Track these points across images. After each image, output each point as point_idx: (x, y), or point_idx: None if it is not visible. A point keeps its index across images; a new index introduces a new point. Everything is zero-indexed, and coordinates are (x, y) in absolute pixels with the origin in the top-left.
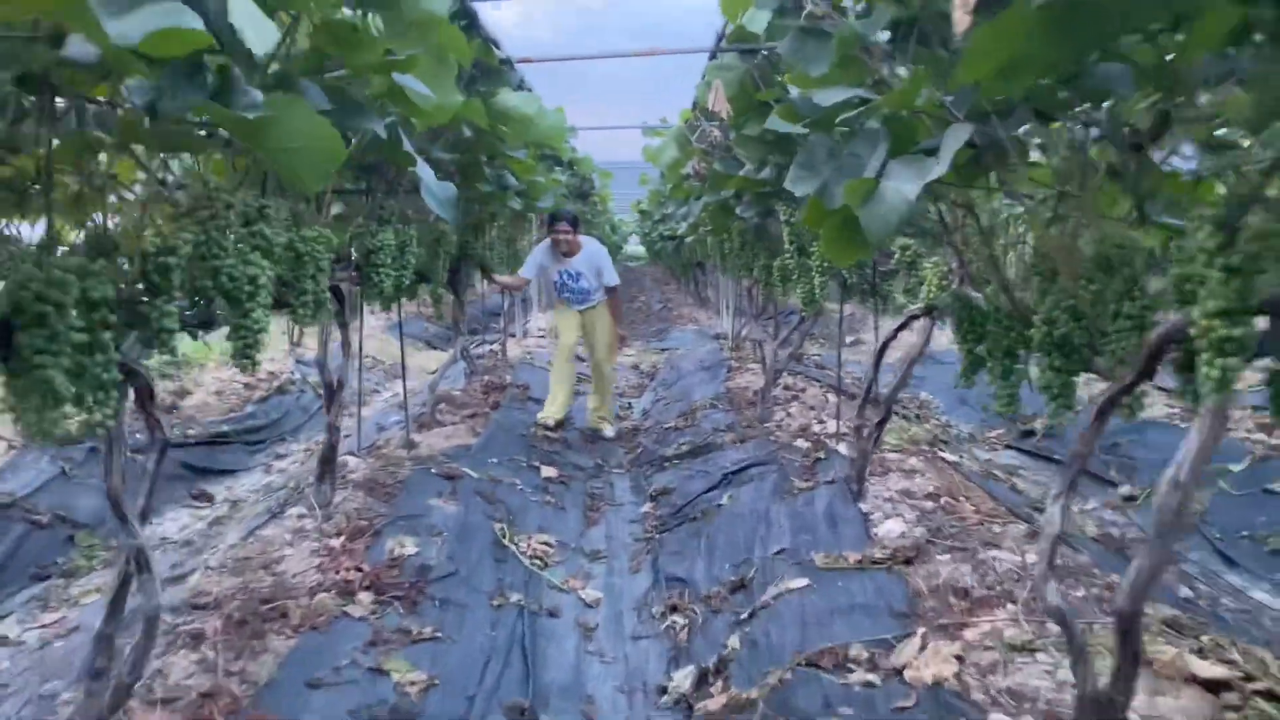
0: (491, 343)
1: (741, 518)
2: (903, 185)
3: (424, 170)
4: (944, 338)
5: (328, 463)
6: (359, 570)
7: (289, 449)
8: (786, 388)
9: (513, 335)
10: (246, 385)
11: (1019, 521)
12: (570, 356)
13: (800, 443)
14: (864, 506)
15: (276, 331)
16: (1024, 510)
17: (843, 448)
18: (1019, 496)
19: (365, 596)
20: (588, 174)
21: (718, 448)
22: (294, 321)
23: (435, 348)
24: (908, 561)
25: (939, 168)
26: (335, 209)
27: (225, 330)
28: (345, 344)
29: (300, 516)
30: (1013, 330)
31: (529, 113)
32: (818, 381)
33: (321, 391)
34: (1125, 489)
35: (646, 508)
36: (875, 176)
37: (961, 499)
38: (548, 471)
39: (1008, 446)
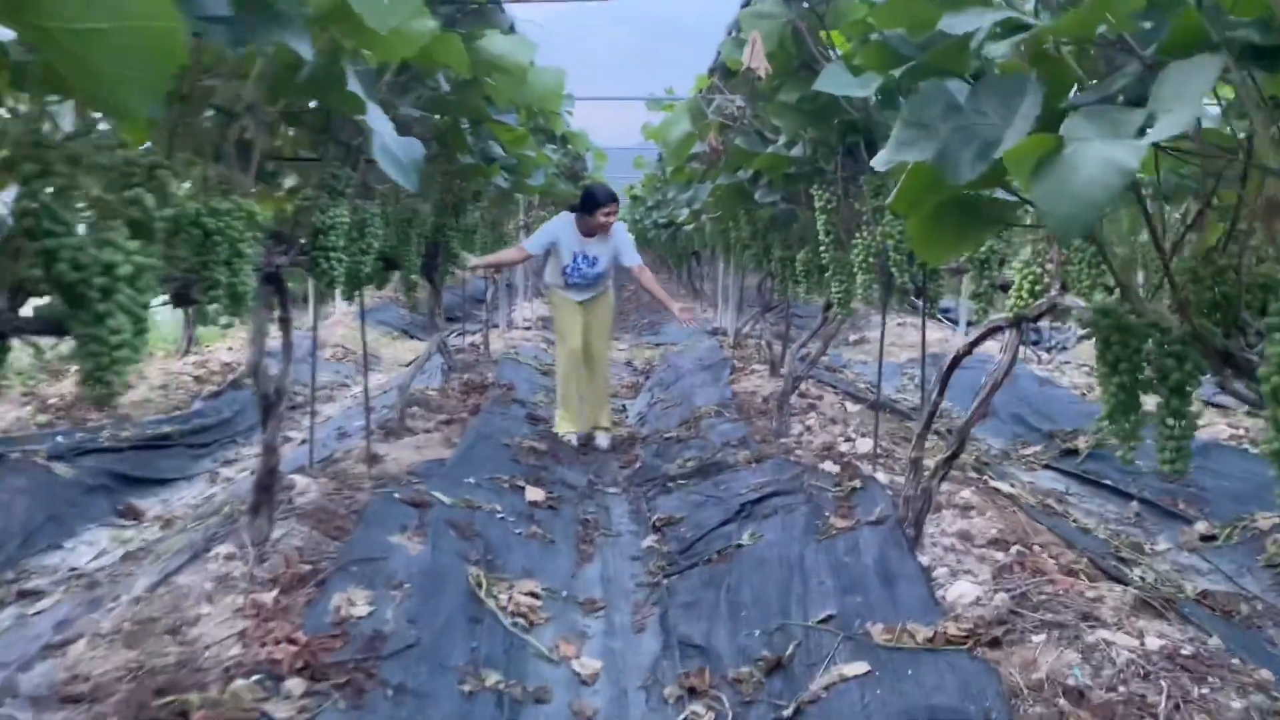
0: (473, 333)
1: (768, 564)
2: (1113, 149)
3: (377, 119)
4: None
5: (265, 491)
6: (291, 642)
7: (241, 453)
8: (801, 394)
9: (495, 326)
10: (198, 378)
11: (1111, 581)
12: (580, 361)
13: (828, 466)
14: (923, 559)
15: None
16: (1111, 564)
17: (881, 475)
18: (1099, 542)
19: (296, 684)
20: (581, 152)
21: (730, 467)
22: (199, 322)
23: (414, 337)
24: (993, 643)
25: (1178, 116)
26: (290, 181)
27: (175, 314)
28: (287, 346)
29: (228, 557)
30: (1186, 360)
31: (521, 63)
32: (832, 387)
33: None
34: (1201, 526)
35: (650, 540)
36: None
37: (1035, 547)
38: (533, 494)
39: (1046, 466)
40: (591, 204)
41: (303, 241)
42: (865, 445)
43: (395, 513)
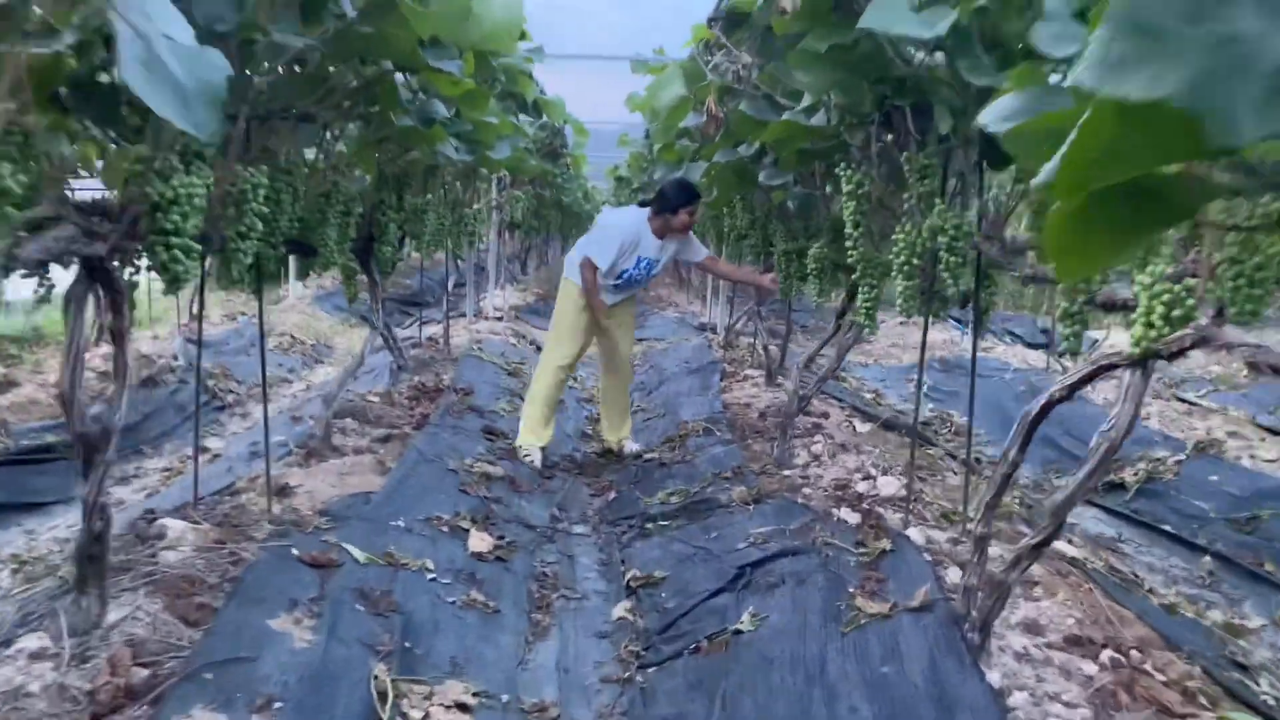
0: (438, 322)
1: (776, 665)
2: None
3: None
4: (964, 340)
5: (92, 563)
6: None
7: (145, 467)
8: (804, 412)
9: (462, 315)
10: (102, 374)
11: (1238, 703)
12: (572, 373)
13: (846, 514)
14: (993, 676)
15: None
16: (1232, 677)
17: (914, 532)
18: (1198, 632)
19: None
20: (559, 125)
21: (723, 507)
22: None
23: (374, 325)
24: None
25: None
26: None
27: None
28: (119, 369)
29: (36, 656)
30: None
31: None
32: (836, 400)
33: (204, 382)
34: None
35: (623, 608)
36: None
37: (1133, 652)
38: (479, 542)
39: (1089, 503)
40: (673, 203)
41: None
42: (888, 485)
43: (285, 580)
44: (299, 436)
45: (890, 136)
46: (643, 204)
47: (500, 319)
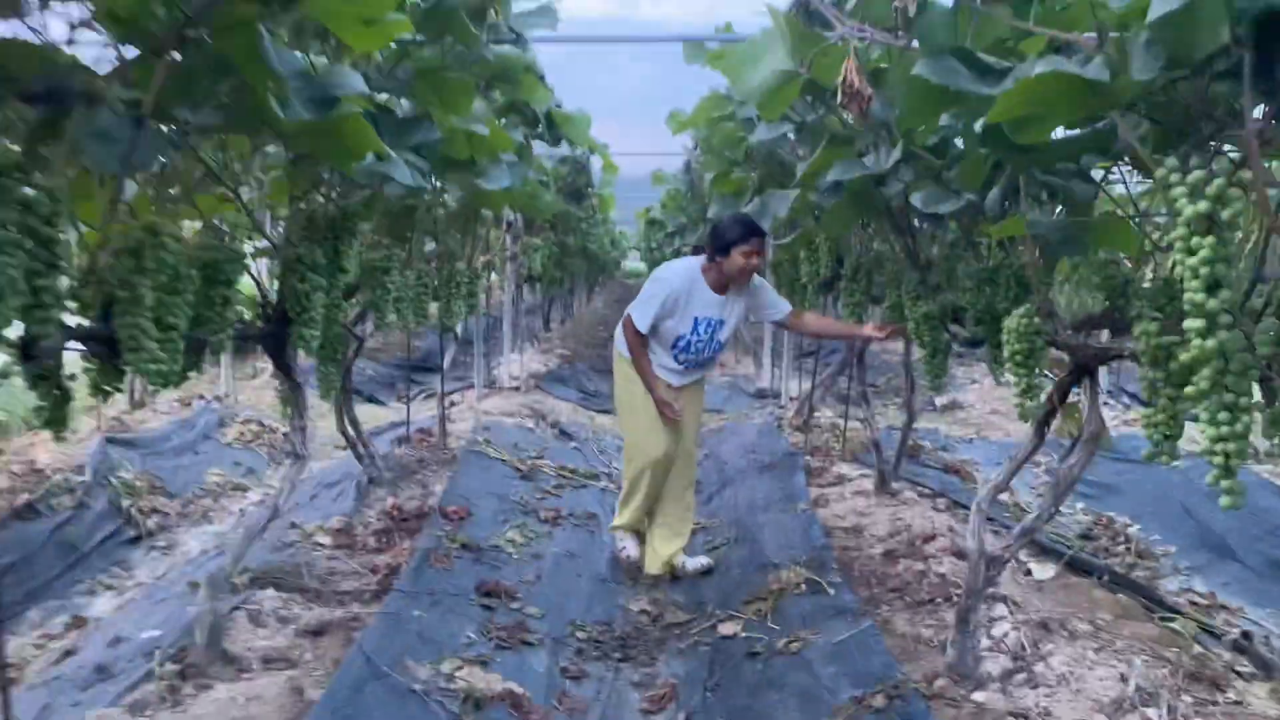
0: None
1: None
2: None
3: None
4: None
5: None
6: None
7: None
8: (924, 537)
9: (469, 387)
10: None
11: None
12: (667, 473)
13: None
14: None
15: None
16: None
17: None
18: None
19: None
20: (580, 151)
21: None
22: None
23: (375, 400)
24: None
25: None
26: None
27: None
28: None
29: None
30: None
31: None
32: (930, 494)
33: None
34: None
35: None
36: None
37: None
38: None
39: None
40: (725, 241)
41: None
42: None
43: None
44: (176, 637)
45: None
46: (696, 250)
47: (518, 388)
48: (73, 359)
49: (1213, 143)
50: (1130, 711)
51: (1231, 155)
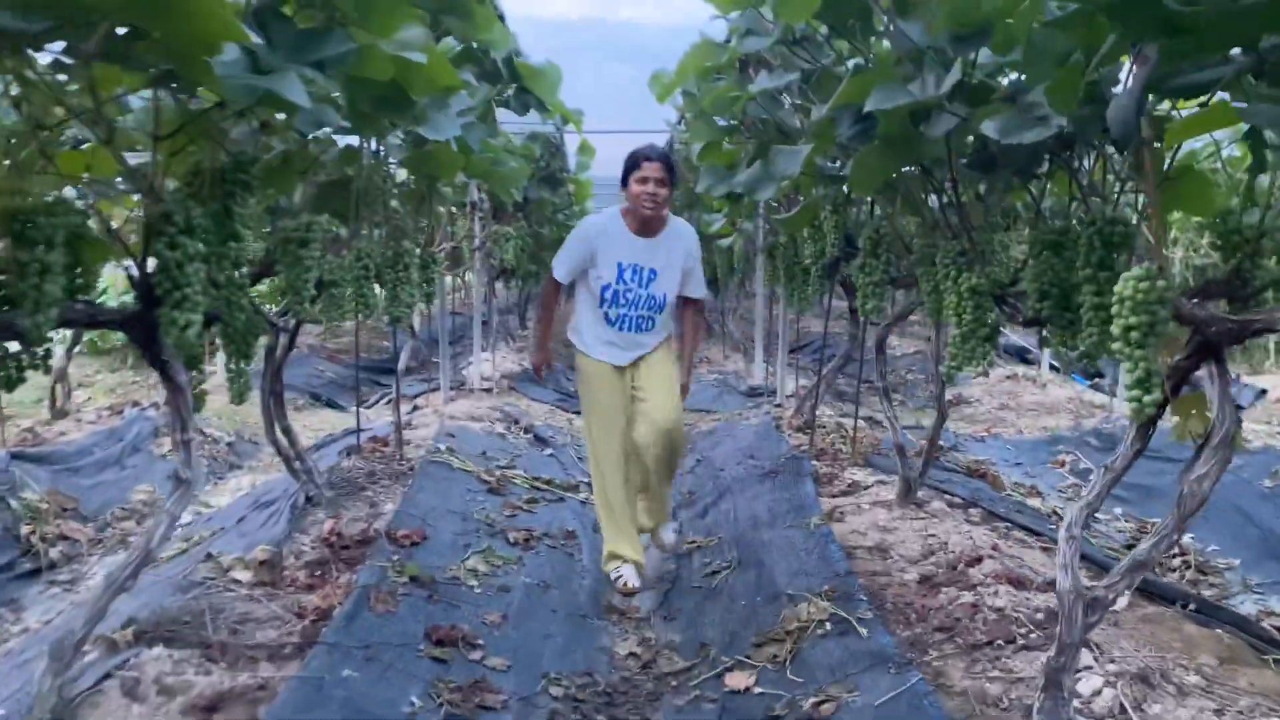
0: (414, 396)
1: None
2: None
3: None
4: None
5: None
6: None
7: None
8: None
9: (434, 389)
10: None
11: None
12: (625, 463)
13: None
14: None
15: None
16: None
17: None
18: None
19: None
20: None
21: None
22: None
23: (335, 405)
24: None
25: None
26: None
27: None
28: None
29: None
30: None
31: None
32: (961, 504)
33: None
34: None
35: None
36: None
37: None
38: None
39: None
40: (624, 173)
41: None
42: None
43: None
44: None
45: None
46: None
47: (490, 390)
48: None
49: None
50: None
51: None
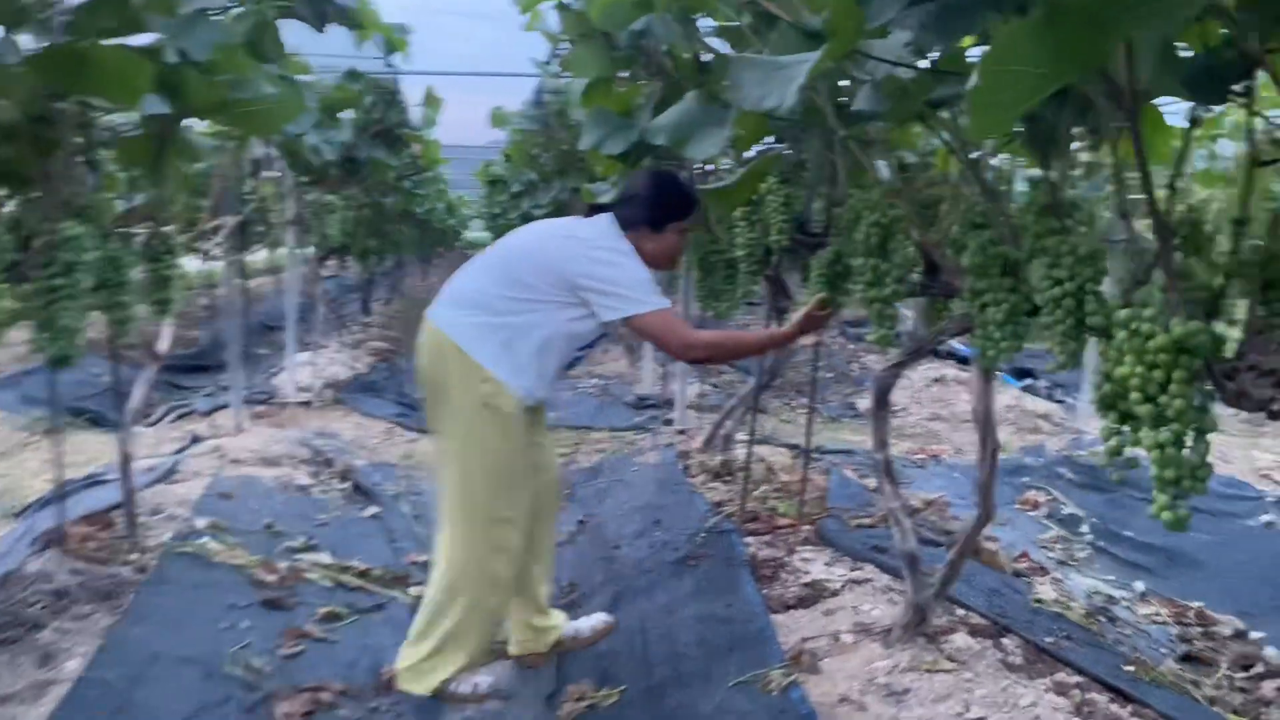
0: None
1: None
2: None
3: None
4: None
5: None
6: None
7: None
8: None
9: (221, 407)
10: None
11: None
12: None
13: None
14: None
15: None
16: None
17: None
18: None
19: None
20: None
21: None
22: None
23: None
24: None
25: None
26: None
27: None
28: None
29: None
30: None
31: None
32: (991, 628)
33: None
34: None
35: None
36: None
37: None
38: None
39: None
40: (670, 208)
41: None
42: None
43: None
44: None
45: None
46: (594, 209)
47: (308, 403)
48: None
49: None
50: None
51: None
